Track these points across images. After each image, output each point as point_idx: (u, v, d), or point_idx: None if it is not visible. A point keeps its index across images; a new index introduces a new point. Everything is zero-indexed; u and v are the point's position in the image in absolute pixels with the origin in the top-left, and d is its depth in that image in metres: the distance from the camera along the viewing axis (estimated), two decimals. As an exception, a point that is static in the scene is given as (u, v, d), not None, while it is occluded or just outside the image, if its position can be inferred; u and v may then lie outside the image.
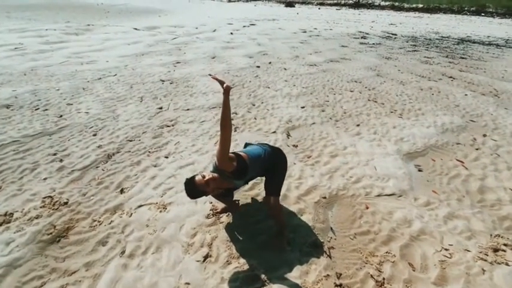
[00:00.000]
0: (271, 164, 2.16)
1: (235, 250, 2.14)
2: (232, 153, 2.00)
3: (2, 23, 14.12)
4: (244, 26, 14.99)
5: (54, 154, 3.33)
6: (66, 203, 2.58)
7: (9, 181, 2.88)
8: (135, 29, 12.86)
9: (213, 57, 8.21)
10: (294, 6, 36.86)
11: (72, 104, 4.72)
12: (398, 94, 5.76)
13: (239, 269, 1.99)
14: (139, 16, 19.24)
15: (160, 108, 4.69)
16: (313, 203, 2.66)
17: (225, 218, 2.44)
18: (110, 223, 2.38)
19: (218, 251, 2.13)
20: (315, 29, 14.68)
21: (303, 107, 4.91)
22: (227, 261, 2.05)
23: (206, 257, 2.07)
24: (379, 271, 2.07)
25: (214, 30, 13.15)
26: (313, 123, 4.34)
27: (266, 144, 2.32)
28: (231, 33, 12.40)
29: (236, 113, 4.58)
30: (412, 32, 15.61)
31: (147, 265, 2.01)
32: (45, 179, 2.91)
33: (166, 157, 3.35)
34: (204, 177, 1.84)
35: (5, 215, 2.43)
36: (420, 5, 34.46)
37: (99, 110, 4.52)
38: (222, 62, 7.76)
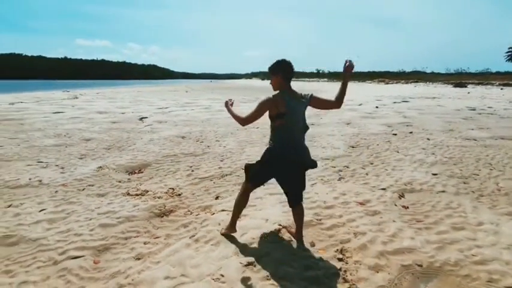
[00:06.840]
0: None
1: (280, 274, 1.99)
2: None
3: (206, 95, 20.57)
4: (394, 102, 14.48)
5: (190, 167, 4.38)
6: (179, 195, 3.31)
7: (164, 175, 4.02)
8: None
9: (348, 124, 8.37)
10: (465, 87, 31.88)
11: (219, 141, 6.10)
12: None
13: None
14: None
15: (279, 152, 5.22)
16: (399, 265, 2.09)
17: (287, 238, 2.34)
18: (197, 215, 2.84)
19: (265, 266, 2.05)
20: (490, 107, 12.08)
21: (435, 174, 4.06)
22: (266, 276, 1.94)
23: (249, 264, 2.05)
24: None
25: (360, 104, 13.49)
26: (443, 191, 3.48)
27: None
28: (376, 107, 12.28)
29: (347, 167, 4.40)
30: None
31: (204, 251, 2.22)
32: (177, 178, 3.87)
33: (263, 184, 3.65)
34: None
35: (144, 191, 3.42)
36: None
37: (233, 146, 5.59)
38: (354, 127, 7.77)
